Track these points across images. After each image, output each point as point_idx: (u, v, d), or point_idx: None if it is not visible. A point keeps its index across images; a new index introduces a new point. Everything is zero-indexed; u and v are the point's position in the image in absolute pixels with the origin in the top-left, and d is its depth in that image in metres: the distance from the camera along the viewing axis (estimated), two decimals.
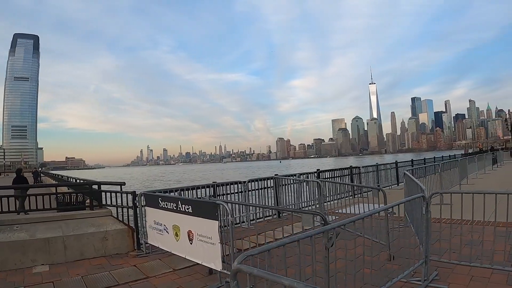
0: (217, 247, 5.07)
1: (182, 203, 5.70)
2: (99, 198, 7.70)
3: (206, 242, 5.23)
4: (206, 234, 5.24)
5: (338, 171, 13.94)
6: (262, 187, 10.07)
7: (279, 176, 10.62)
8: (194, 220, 5.46)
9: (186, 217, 5.62)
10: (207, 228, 5.18)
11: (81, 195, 7.64)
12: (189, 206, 5.56)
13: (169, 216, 6.06)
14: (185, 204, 5.64)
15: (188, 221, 5.59)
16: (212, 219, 5.12)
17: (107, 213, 7.53)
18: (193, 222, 5.48)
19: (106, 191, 7.72)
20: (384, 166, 17.65)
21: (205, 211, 5.22)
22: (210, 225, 5.13)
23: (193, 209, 5.48)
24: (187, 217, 5.60)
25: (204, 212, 5.23)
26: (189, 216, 5.55)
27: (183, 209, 5.67)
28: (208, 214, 5.16)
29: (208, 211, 5.17)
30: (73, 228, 6.88)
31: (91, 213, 7.40)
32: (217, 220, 5.09)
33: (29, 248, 6.36)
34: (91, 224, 7.11)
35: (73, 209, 7.40)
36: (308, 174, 12.21)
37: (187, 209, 5.58)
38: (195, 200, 6.04)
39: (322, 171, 12.77)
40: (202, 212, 5.28)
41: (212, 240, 5.13)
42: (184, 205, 5.64)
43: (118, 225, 7.28)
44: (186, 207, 5.61)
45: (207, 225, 5.18)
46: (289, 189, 10.61)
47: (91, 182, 8.20)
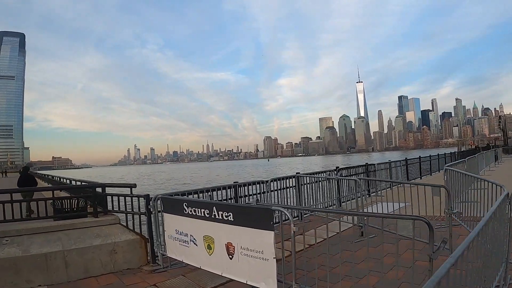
0: (271, 263, 4.00)
1: (219, 210, 4.58)
2: (103, 203, 6.51)
3: (255, 258, 4.15)
4: (254, 247, 4.16)
5: (353, 168, 13.20)
6: (284, 187, 9.08)
7: (301, 175, 9.64)
8: (236, 231, 4.36)
9: (224, 227, 4.51)
10: (257, 240, 4.10)
11: (82, 200, 6.40)
12: (229, 214, 4.45)
13: (199, 225, 4.93)
14: (223, 211, 4.52)
15: (227, 232, 4.49)
16: (265, 229, 4.04)
17: (114, 220, 6.34)
18: (235, 233, 4.38)
19: (113, 195, 6.53)
20: (394, 164, 17.10)
21: (254, 220, 4.13)
22: (262, 236, 4.05)
23: (235, 217, 4.38)
24: (226, 226, 4.49)
25: (253, 221, 4.13)
26: (229, 225, 4.45)
27: (220, 217, 4.55)
28: (259, 223, 4.07)
29: (260, 219, 4.08)
30: (75, 240, 5.68)
31: (95, 221, 6.20)
32: (273, 230, 4.01)
33: (23, 266, 5.15)
34: (96, 234, 5.92)
35: (73, 216, 6.17)
36: (330, 172, 11.46)
37: (227, 217, 4.47)
38: (239, 206, 4.90)
39: (341, 168, 12.06)
40: (249, 220, 4.19)
41: (265, 254, 4.05)
42: (222, 211, 4.52)
43: (128, 235, 6.11)
44: (225, 215, 4.49)
45: (257, 236, 4.10)
46: (309, 188, 9.73)
47: (94, 184, 6.98)
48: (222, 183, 7.86)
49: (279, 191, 8.93)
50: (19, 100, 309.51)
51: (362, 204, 8.06)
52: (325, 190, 10.00)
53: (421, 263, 4.42)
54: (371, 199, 11.39)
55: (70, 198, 6.35)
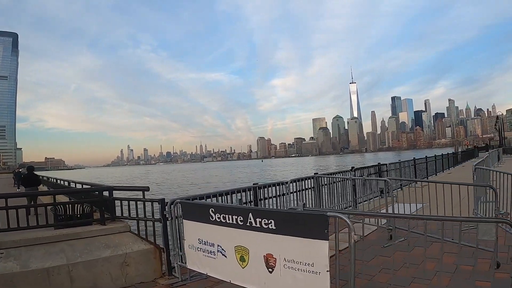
0: (324, 277, 3.33)
1: (256, 217, 3.87)
2: (111, 208, 5.76)
3: (303, 271, 3.47)
4: (302, 259, 3.48)
5: (366, 169, 12.70)
6: (303, 188, 8.47)
7: (320, 175, 9.01)
8: (279, 240, 3.67)
9: (263, 236, 3.81)
10: (307, 251, 3.43)
11: (87, 205, 5.65)
12: (271, 221, 3.75)
13: (229, 234, 4.22)
14: (262, 218, 3.81)
15: (267, 242, 3.79)
16: (318, 238, 3.36)
17: (124, 228, 5.60)
18: (278, 243, 3.69)
19: (122, 199, 5.78)
20: (403, 164, 16.77)
21: (304, 227, 3.45)
22: (314, 246, 3.37)
23: (278, 225, 3.68)
24: (265, 235, 3.79)
25: (303, 229, 3.46)
26: (270, 234, 3.75)
27: (258, 225, 3.85)
28: (310, 231, 3.39)
29: (311, 226, 3.40)
30: (80, 251, 4.93)
31: (103, 229, 5.45)
32: (327, 239, 3.34)
33: (22, 284, 4.39)
34: (105, 244, 5.17)
35: (77, 224, 5.42)
36: (346, 172, 10.85)
37: (267, 224, 3.77)
38: (284, 212, 4.17)
39: (356, 168, 11.53)
40: (297, 228, 3.51)
41: (316, 267, 3.37)
42: (261, 219, 3.82)
43: (141, 244, 5.38)
44: (265, 222, 3.79)
45: (306, 246, 3.43)
46: (327, 189, 9.22)
47: (100, 187, 6.22)
48: (236, 185, 7.16)
49: (298, 192, 8.31)
50: (12, 100, 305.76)
51: (386, 205, 7.43)
52: (340, 191, 9.54)
53: (464, 267, 4.21)
54: (386, 200, 10.89)
55: (73, 203, 5.58)
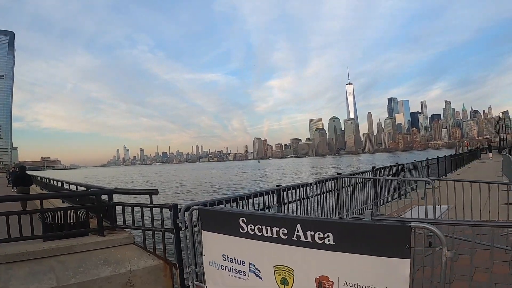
0: None
1: (307, 228, 2.92)
2: (111, 215, 4.77)
3: None
4: (372, 283, 2.57)
5: (384, 169, 11.89)
6: (325, 191, 7.58)
7: (343, 176, 8.12)
8: (339, 259, 2.75)
9: (315, 254, 2.88)
10: (380, 272, 2.52)
11: (82, 211, 4.65)
12: (328, 234, 2.80)
13: (267, 250, 3.26)
14: (316, 230, 2.86)
15: (321, 260, 2.86)
16: (396, 256, 2.45)
17: (128, 239, 4.62)
18: (337, 263, 2.77)
19: (125, 204, 4.79)
20: (415, 165, 16.23)
21: (375, 242, 2.55)
22: (389, 267, 2.48)
23: (338, 239, 2.75)
24: (318, 253, 2.86)
25: (374, 244, 2.54)
26: (326, 251, 2.82)
27: (309, 239, 2.90)
28: (384, 247, 2.49)
29: (387, 241, 2.50)
30: (74, 270, 3.95)
31: (102, 241, 4.47)
32: (409, 257, 2.43)
33: None
34: (104, 260, 4.19)
35: (70, 235, 4.43)
36: (366, 173, 10.15)
37: (322, 239, 2.82)
38: (347, 222, 3.18)
39: (378, 168, 10.76)
40: (365, 243, 2.60)
41: None
42: (315, 231, 2.87)
43: (148, 260, 4.40)
44: (319, 236, 2.84)
45: (380, 267, 2.53)
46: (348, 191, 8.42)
47: (98, 189, 5.23)
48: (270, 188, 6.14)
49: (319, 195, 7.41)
50: (8, 99, 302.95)
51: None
52: (361, 193, 8.87)
53: None
54: (404, 202, 9.90)
55: (65, 209, 4.57)
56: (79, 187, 7.53)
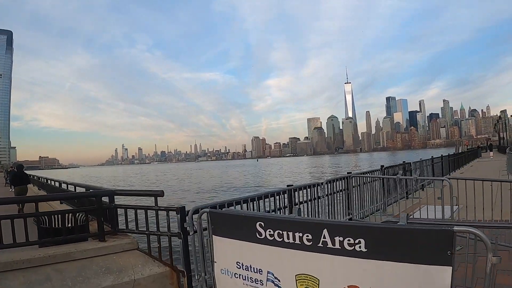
0: None
1: (335, 233, 2.59)
2: (113, 219, 4.42)
3: None
4: None
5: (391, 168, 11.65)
6: (335, 191, 7.30)
7: (354, 175, 7.81)
8: (372, 267, 2.45)
9: (344, 261, 2.55)
10: (417, 282, 2.26)
11: (81, 214, 4.30)
12: (359, 240, 2.48)
13: (287, 257, 2.93)
14: (346, 236, 2.54)
15: (351, 269, 2.54)
16: (435, 263, 2.21)
17: (131, 245, 4.27)
18: (369, 271, 2.47)
19: (127, 207, 4.44)
20: (420, 163, 16.06)
21: (412, 248, 2.28)
22: (429, 276, 2.24)
23: (371, 245, 2.44)
24: (348, 260, 2.54)
25: (411, 250, 2.28)
26: (357, 259, 2.50)
27: (338, 246, 2.57)
28: (423, 254, 2.23)
29: (425, 247, 2.23)
30: (72, 279, 3.60)
31: (103, 247, 4.12)
32: (450, 265, 2.15)
33: None
34: (106, 268, 3.85)
35: (68, 240, 4.08)
36: (374, 171, 9.96)
37: (353, 245, 2.50)
38: (381, 227, 2.82)
39: (386, 167, 10.51)
40: (401, 250, 2.32)
41: None
42: (344, 237, 2.54)
43: (153, 267, 4.06)
44: (349, 242, 2.51)
45: (416, 276, 2.28)
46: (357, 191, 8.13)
47: (99, 190, 4.87)
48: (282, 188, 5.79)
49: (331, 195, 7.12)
50: (6, 98, 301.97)
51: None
52: (370, 193, 8.55)
53: None
54: (412, 201, 9.76)
55: (63, 212, 4.22)
56: (77, 188, 7.16)
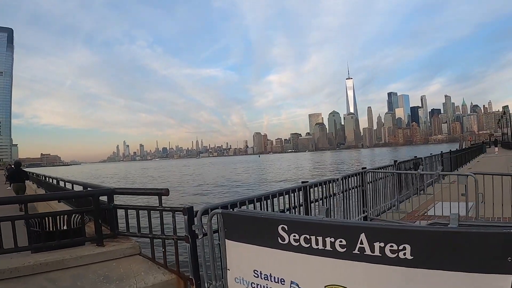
0: None
1: (374, 238, 2.17)
2: (112, 220, 3.96)
3: None
4: None
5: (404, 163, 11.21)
6: (350, 187, 6.83)
7: (369, 170, 7.37)
8: (418, 277, 2.07)
9: (385, 270, 2.13)
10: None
11: (76, 216, 3.84)
12: (404, 246, 2.05)
13: (315, 266, 2.48)
14: (387, 241, 2.11)
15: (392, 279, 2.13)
16: (495, 271, 1.91)
17: (132, 250, 3.82)
18: (414, 282, 2.07)
19: (128, 207, 3.98)
20: (430, 158, 15.70)
21: (465, 255, 1.85)
22: (485, 286, 1.80)
23: (417, 252, 2.05)
24: (389, 270, 2.12)
25: (463, 257, 1.88)
26: (400, 267, 2.07)
27: (379, 252, 2.15)
28: (478, 261, 1.88)
29: (480, 253, 1.84)
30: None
31: (101, 252, 3.67)
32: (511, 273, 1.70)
33: None
34: (104, 277, 3.40)
35: (62, 245, 3.64)
36: (387, 167, 9.38)
37: (396, 251, 2.08)
38: (429, 230, 2.33)
39: (400, 162, 9.87)
40: (452, 257, 1.90)
41: None
42: (385, 242, 2.12)
43: (158, 274, 3.61)
44: (391, 248, 2.09)
45: (472, 286, 1.83)
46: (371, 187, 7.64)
47: (96, 189, 4.41)
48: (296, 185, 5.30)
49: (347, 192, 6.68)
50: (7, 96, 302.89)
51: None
52: (382, 190, 8.05)
53: None
54: (425, 197, 9.22)
55: (56, 214, 3.76)
56: (76, 186, 6.71)
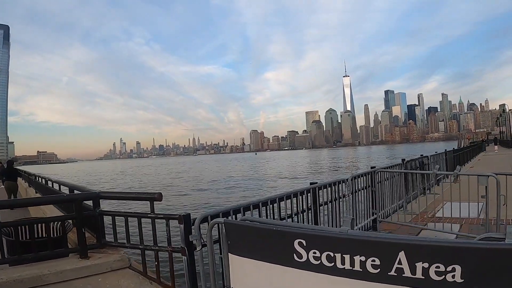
0: None
1: (415, 258, 1.74)
2: (98, 228, 3.47)
3: None
4: None
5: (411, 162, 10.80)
6: (360, 188, 6.38)
7: (380, 169, 6.93)
8: None
9: None
10: None
11: (57, 223, 3.35)
12: (454, 267, 1.66)
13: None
14: (432, 261, 1.68)
15: None
16: None
17: (120, 262, 3.33)
18: None
19: (116, 214, 3.49)
20: (436, 156, 15.38)
21: None
22: None
23: (469, 273, 1.65)
24: None
25: None
26: None
27: (422, 274, 1.74)
28: None
29: None
30: None
31: (84, 266, 3.17)
32: None
33: None
34: None
35: (41, 257, 3.15)
36: (395, 166, 8.81)
37: (444, 273, 1.67)
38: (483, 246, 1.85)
39: (408, 161, 9.51)
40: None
41: None
42: (430, 263, 1.69)
43: None
44: (438, 269, 1.68)
45: None
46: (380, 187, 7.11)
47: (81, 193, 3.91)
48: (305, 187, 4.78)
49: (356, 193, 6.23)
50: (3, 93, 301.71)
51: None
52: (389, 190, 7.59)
53: None
54: (434, 197, 8.92)
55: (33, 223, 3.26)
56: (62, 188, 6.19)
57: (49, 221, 3.33)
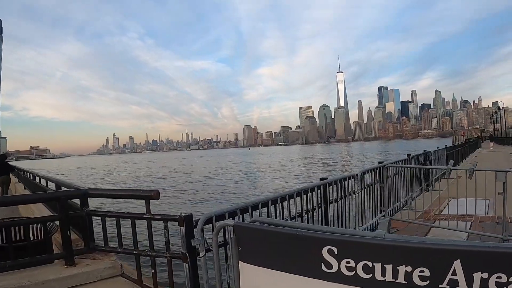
0: None
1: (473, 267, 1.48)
2: (86, 231, 3.04)
3: None
4: None
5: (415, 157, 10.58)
6: (369, 184, 6.12)
7: (389, 165, 6.63)
8: None
9: None
10: None
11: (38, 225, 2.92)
12: None
13: None
14: (494, 271, 1.40)
15: None
16: None
17: (112, 270, 2.91)
18: None
19: (107, 215, 3.06)
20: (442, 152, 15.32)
21: None
22: None
23: None
24: None
25: None
26: None
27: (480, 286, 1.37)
28: None
29: None
30: None
31: (70, 275, 2.75)
32: None
33: None
34: None
35: (21, 265, 2.73)
36: (400, 162, 8.49)
37: (505, 286, 1.36)
38: None
39: (413, 156, 9.25)
40: None
41: None
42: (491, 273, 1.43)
43: None
44: (498, 279, 1.41)
45: None
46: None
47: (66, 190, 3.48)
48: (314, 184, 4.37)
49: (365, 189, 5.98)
50: None
51: None
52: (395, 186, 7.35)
53: None
54: (439, 193, 8.72)
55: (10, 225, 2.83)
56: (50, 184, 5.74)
57: (29, 223, 2.90)
